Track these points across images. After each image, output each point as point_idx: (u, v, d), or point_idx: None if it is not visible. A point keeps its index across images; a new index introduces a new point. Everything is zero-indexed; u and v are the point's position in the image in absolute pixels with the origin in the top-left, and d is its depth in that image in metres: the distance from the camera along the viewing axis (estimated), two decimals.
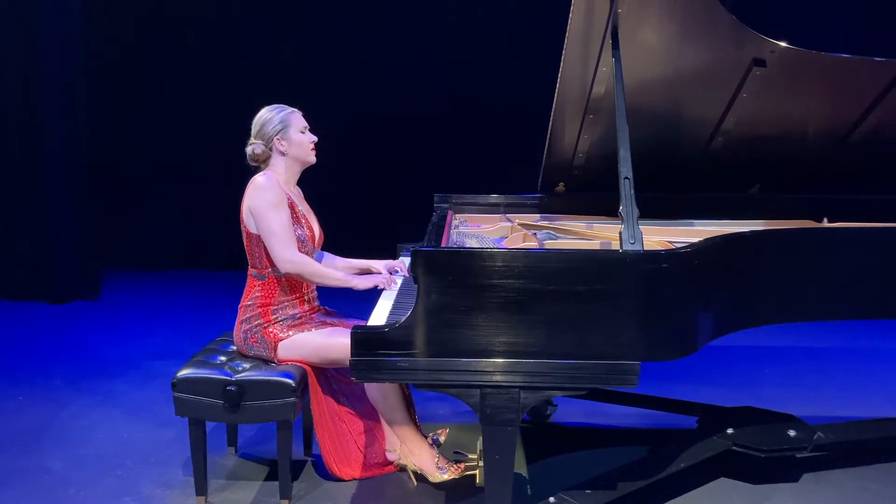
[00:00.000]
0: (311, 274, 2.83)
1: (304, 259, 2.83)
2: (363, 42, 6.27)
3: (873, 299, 2.81)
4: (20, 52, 5.48)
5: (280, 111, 2.90)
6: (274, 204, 2.79)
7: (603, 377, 2.25)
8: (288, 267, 2.79)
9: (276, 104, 2.94)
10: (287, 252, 2.78)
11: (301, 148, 2.91)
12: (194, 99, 6.32)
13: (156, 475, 3.08)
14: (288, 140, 2.88)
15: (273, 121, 2.88)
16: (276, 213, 2.78)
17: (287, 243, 2.79)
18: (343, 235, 3.61)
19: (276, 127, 2.87)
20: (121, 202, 6.50)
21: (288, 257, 2.78)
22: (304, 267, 2.81)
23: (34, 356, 4.50)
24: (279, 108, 2.92)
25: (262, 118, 2.91)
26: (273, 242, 2.78)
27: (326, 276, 2.85)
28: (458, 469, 2.94)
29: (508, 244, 2.99)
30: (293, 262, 2.79)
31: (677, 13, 2.67)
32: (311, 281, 2.87)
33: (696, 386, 4.01)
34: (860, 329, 5.00)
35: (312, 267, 2.84)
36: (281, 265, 2.80)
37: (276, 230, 2.78)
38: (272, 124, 2.87)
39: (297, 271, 2.81)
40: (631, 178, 2.38)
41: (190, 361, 2.87)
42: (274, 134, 2.87)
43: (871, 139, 3.14)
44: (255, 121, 2.92)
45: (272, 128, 2.87)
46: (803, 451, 2.98)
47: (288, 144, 2.89)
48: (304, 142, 2.91)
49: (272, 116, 2.89)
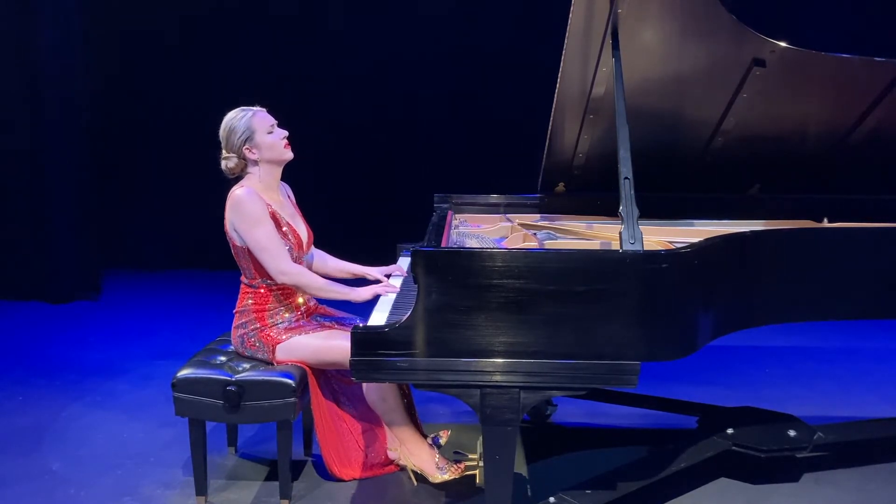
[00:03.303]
0: (306, 285, 2.78)
1: (300, 269, 2.80)
2: (363, 42, 6.26)
3: (873, 299, 2.81)
4: (21, 52, 5.48)
5: (242, 117, 2.79)
6: (257, 219, 2.72)
7: (603, 377, 2.25)
8: (283, 279, 2.76)
9: (236, 109, 2.82)
10: (282, 265, 2.75)
11: (273, 150, 2.81)
12: (194, 99, 6.31)
13: (156, 475, 3.08)
14: (256, 146, 2.78)
15: (237, 130, 2.77)
16: (262, 228, 2.73)
17: (279, 256, 2.74)
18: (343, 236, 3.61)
19: (242, 136, 2.77)
20: (121, 202, 6.49)
21: (283, 269, 2.75)
22: (300, 277, 2.77)
23: (34, 356, 4.50)
24: (241, 112, 2.80)
25: (226, 128, 2.80)
26: (265, 258, 2.74)
27: (324, 288, 2.79)
28: (458, 469, 2.94)
29: (508, 244, 2.99)
30: (288, 273, 2.76)
31: (677, 13, 2.67)
32: (308, 292, 2.83)
33: (696, 386, 4.01)
34: (860, 329, 5.00)
35: (308, 278, 2.79)
36: (276, 277, 2.77)
37: (265, 245, 2.73)
38: (237, 134, 2.77)
39: (292, 282, 2.77)
40: (631, 178, 2.38)
41: (190, 361, 2.86)
42: (241, 144, 2.78)
43: (871, 139, 3.14)
44: (221, 132, 2.81)
45: (237, 138, 2.77)
46: (803, 451, 2.98)
47: (258, 151, 2.79)
48: (274, 143, 2.80)
49: (236, 125, 2.78)
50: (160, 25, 6.29)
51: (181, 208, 6.51)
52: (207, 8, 6.23)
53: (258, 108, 2.85)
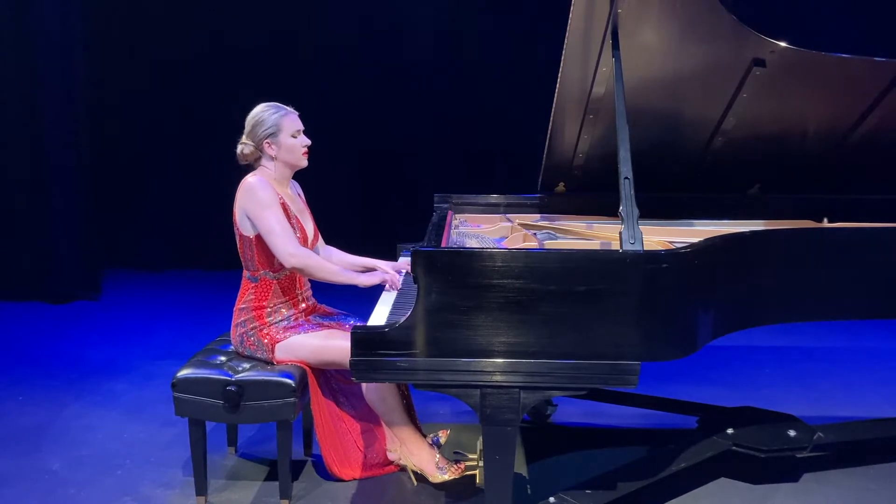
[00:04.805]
0: (314, 268, 2.79)
1: (308, 252, 2.82)
2: (363, 42, 6.26)
3: (873, 299, 2.81)
4: (20, 53, 5.48)
5: (274, 112, 2.83)
6: (267, 203, 2.76)
7: (603, 377, 2.25)
8: (292, 261, 2.77)
9: (272, 103, 2.87)
10: (290, 247, 2.76)
11: (291, 153, 2.85)
12: (195, 99, 6.31)
13: (156, 475, 3.08)
14: (278, 144, 2.83)
15: (265, 122, 2.81)
16: (272, 212, 2.76)
17: (287, 238, 2.77)
18: (343, 235, 3.60)
19: (268, 130, 2.81)
20: (120, 202, 6.49)
21: (291, 251, 2.76)
22: (308, 260, 2.78)
23: (34, 356, 4.50)
24: (274, 108, 2.85)
25: (255, 118, 2.84)
26: (273, 240, 2.77)
27: (331, 271, 2.81)
28: (458, 469, 2.94)
29: (508, 244, 2.99)
30: (296, 255, 2.76)
31: (677, 13, 2.67)
32: (316, 276, 2.82)
33: (696, 386, 4.01)
34: (860, 329, 5.00)
35: (315, 260, 2.81)
36: (285, 260, 2.77)
37: (273, 227, 2.76)
38: (263, 126, 2.81)
39: (301, 265, 2.77)
40: (631, 178, 2.38)
41: (190, 361, 2.87)
42: (264, 137, 2.82)
43: (871, 139, 3.14)
44: (248, 118, 2.86)
45: (263, 130, 2.82)
46: (803, 451, 2.98)
47: (277, 148, 2.83)
48: (295, 146, 2.85)
49: (265, 118, 2.82)
50: (161, 25, 6.29)
51: (181, 208, 6.51)
52: (209, 7, 6.23)
53: (291, 110, 2.89)
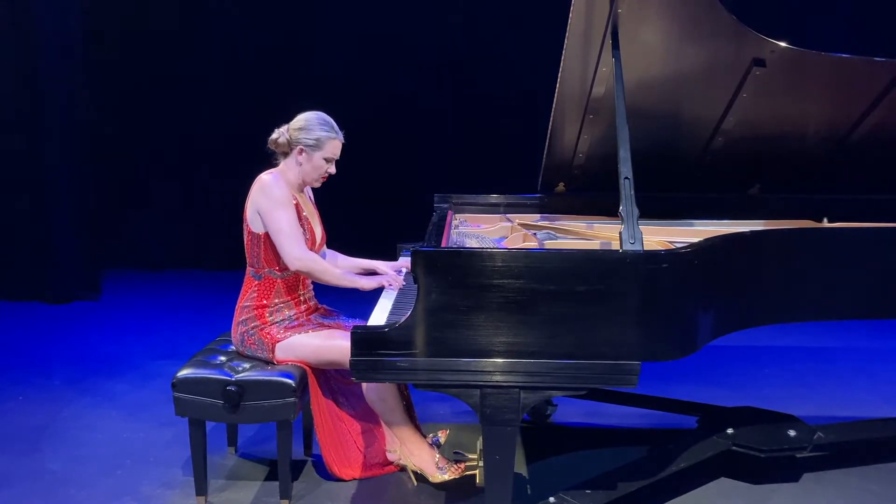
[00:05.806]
0: (319, 272, 2.82)
1: (313, 256, 2.84)
2: (363, 41, 6.26)
3: (873, 299, 2.81)
4: (20, 53, 5.47)
5: (324, 129, 2.85)
6: (281, 202, 2.79)
7: (603, 377, 2.25)
8: (297, 264, 2.79)
9: (328, 118, 2.89)
10: (297, 249, 2.78)
11: (313, 172, 2.88)
12: (195, 99, 6.31)
13: (156, 475, 3.08)
14: (309, 158, 2.86)
15: (311, 132, 2.84)
16: (284, 212, 2.79)
17: (296, 240, 2.79)
18: (343, 235, 3.61)
19: (307, 140, 2.84)
20: (120, 202, 6.49)
21: (297, 254, 2.78)
22: (313, 264, 2.81)
23: (34, 356, 4.49)
24: (328, 125, 2.87)
25: (306, 121, 2.86)
26: (282, 240, 2.78)
27: (334, 275, 2.84)
28: (458, 469, 2.94)
29: (508, 244, 3.00)
30: (302, 259, 2.79)
31: (677, 13, 2.67)
32: (319, 279, 2.85)
33: (696, 386, 4.01)
34: (860, 329, 5.00)
35: (320, 265, 2.84)
36: (290, 263, 2.79)
37: (283, 228, 2.78)
38: (306, 133, 2.84)
39: (306, 268, 2.80)
40: (631, 178, 2.38)
41: (190, 361, 2.87)
42: (300, 142, 2.84)
43: (870, 139, 3.14)
44: (301, 116, 2.88)
45: (304, 136, 2.84)
46: (803, 451, 2.98)
47: (307, 160, 2.86)
48: (321, 168, 2.88)
49: (314, 128, 2.84)
50: (161, 24, 6.28)
51: (181, 208, 6.51)
52: (210, 6, 6.23)
53: (340, 135, 2.91)
